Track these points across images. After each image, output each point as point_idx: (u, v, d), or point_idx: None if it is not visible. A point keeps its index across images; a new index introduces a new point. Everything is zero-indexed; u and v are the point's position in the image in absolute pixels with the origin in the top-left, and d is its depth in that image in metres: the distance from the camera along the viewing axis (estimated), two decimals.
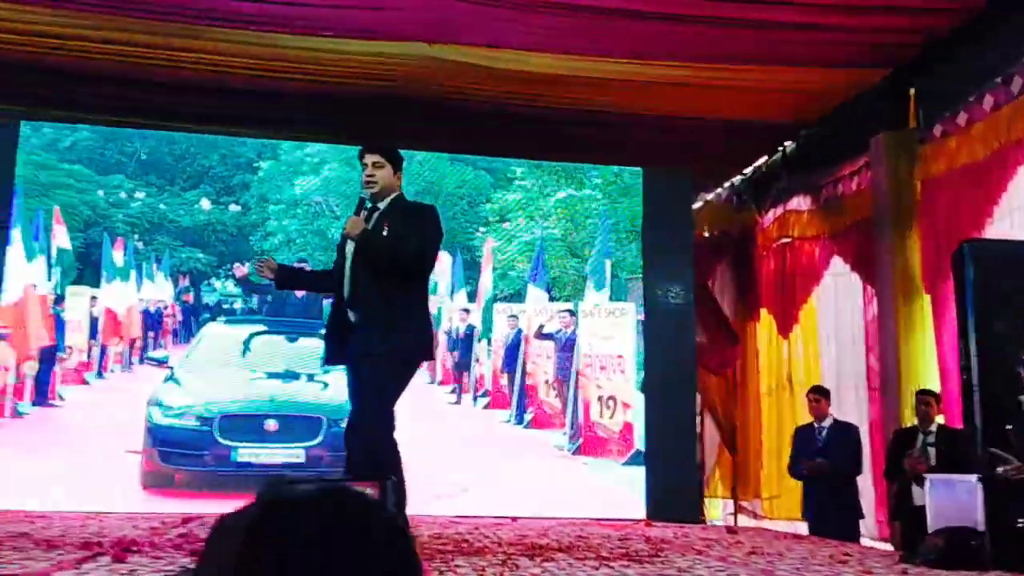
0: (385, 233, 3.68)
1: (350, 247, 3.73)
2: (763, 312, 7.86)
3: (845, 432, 5.47)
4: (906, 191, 5.74)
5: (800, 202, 7.42)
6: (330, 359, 3.83)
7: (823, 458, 5.36)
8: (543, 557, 3.77)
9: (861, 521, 5.45)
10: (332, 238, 3.89)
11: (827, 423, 5.54)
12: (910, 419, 5.11)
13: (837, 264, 7.03)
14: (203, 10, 5.44)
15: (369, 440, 3.63)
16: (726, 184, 8.20)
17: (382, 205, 3.76)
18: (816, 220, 7.25)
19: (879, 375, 5.95)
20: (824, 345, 7.17)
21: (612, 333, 6.93)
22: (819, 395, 5.65)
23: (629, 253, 7.07)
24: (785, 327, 7.50)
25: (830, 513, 5.29)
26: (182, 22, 5.58)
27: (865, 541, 5.44)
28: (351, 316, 3.69)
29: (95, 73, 6.10)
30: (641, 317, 6.92)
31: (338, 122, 6.38)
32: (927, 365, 5.41)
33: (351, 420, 3.70)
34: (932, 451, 4.79)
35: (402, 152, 7.16)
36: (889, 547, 5.10)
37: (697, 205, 7.70)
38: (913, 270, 5.67)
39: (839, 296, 7.03)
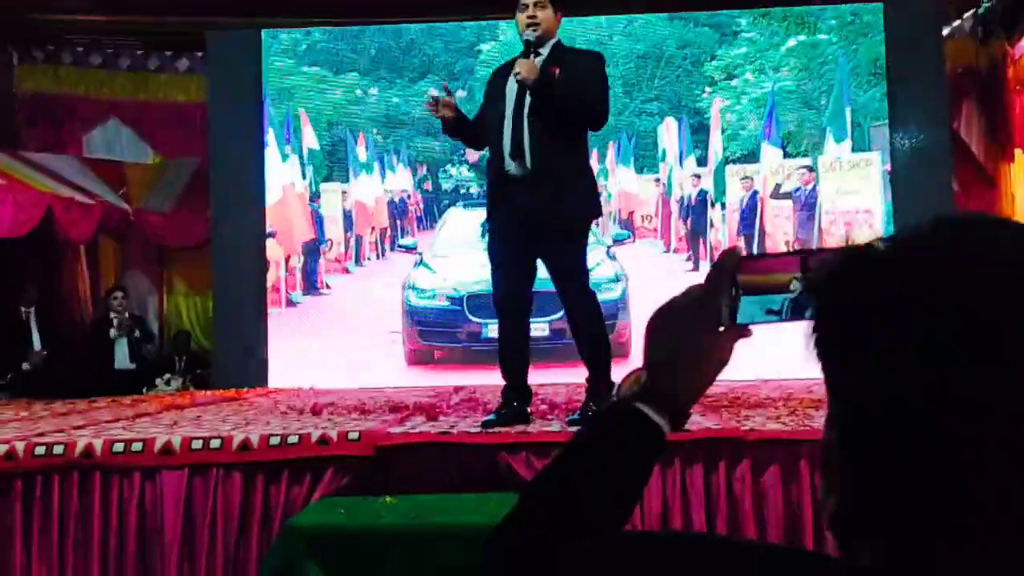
0: (557, 78, 3.40)
1: (511, 93, 3.49)
2: (1017, 153, 7.21)
3: None
4: None
5: None
6: (491, 218, 3.60)
7: None
8: None
9: None
10: None
11: None
12: None
13: None
14: None
15: (591, 310, 3.56)
16: (968, 14, 7.45)
17: (543, 51, 3.50)
18: None
19: None
20: None
21: (857, 187, 6.56)
22: None
23: (872, 99, 6.59)
24: None
25: None
26: None
27: None
28: (514, 169, 3.45)
29: None
30: (888, 167, 6.50)
31: None
32: None
33: (566, 295, 3.51)
34: None
35: (618, 17, 7.03)
36: None
37: None
38: None
39: None
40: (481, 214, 6.83)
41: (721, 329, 0.77)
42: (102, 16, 7.34)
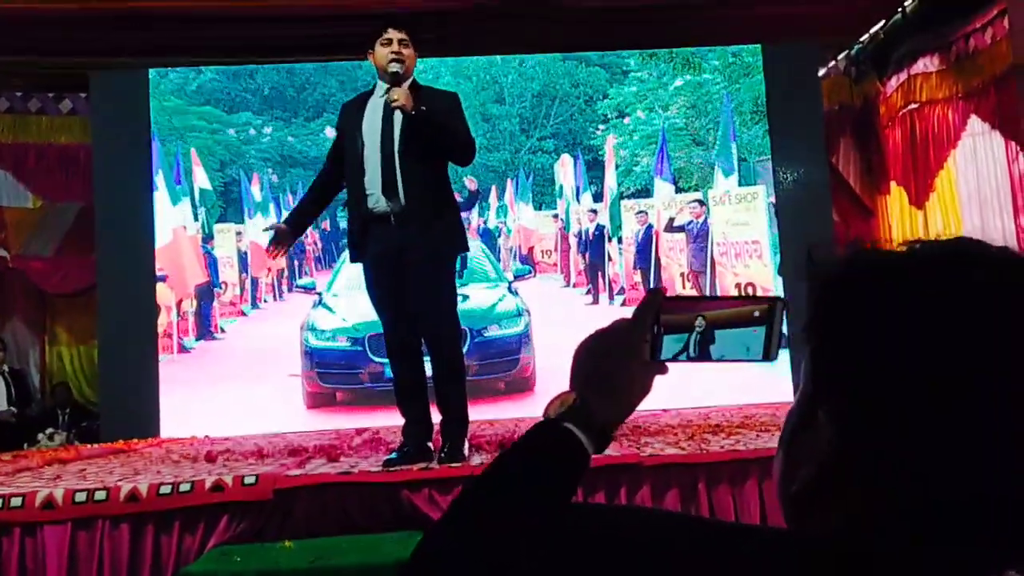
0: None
1: (373, 130, 3.42)
2: (892, 185, 7.63)
3: None
4: None
5: (927, 64, 7.07)
6: (358, 258, 3.55)
7: None
8: (726, 433, 3.82)
9: None
10: None
11: None
12: None
13: (974, 124, 6.72)
14: None
15: (454, 341, 3.58)
16: (842, 55, 7.88)
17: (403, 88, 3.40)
18: (947, 80, 6.91)
19: None
20: (965, 212, 6.92)
21: (745, 219, 6.82)
22: None
23: (756, 136, 6.89)
24: (919, 197, 7.26)
25: None
26: None
27: None
28: (386, 206, 3.37)
29: (210, 14, 6.24)
30: (773, 200, 6.78)
31: (447, 35, 6.36)
32: None
33: (432, 324, 3.44)
34: None
35: (512, 57, 7.17)
36: None
37: None
38: None
39: (979, 158, 6.74)
40: None
41: (644, 362, 0.81)
42: None
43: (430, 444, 3.49)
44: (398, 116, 3.38)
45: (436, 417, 3.57)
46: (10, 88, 7.63)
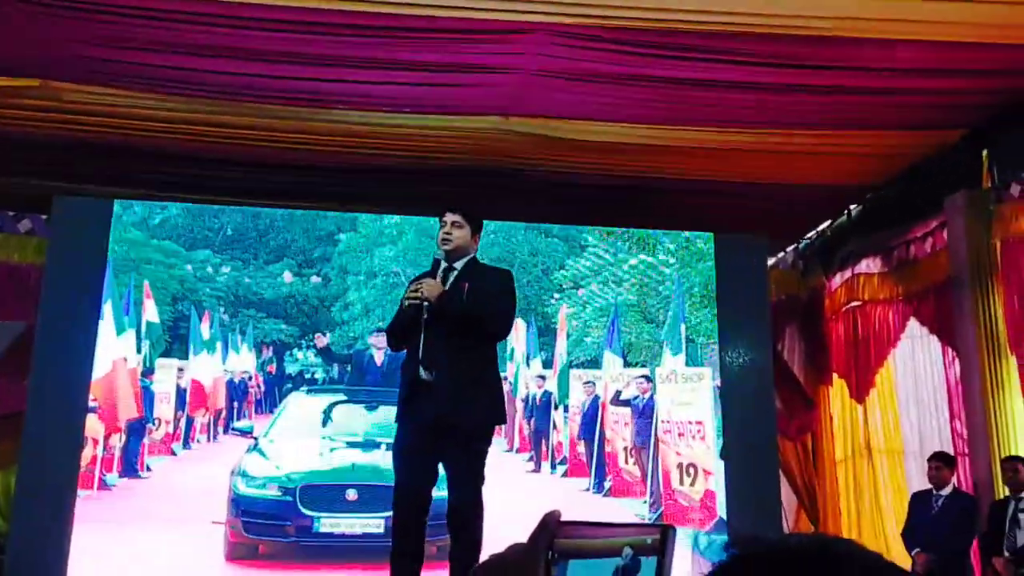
0: (465, 295, 3.76)
1: (423, 306, 3.75)
2: (834, 377, 7.76)
3: (961, 502, 5.32)
4: (985, 251, 5.66)
5: (870, 264, 7.35)
6: (400, 416, 3.83)
7: (935, 527, 5.23)
8: None
9: None
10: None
11: (946, 491, 5.39)
12: (1003, 487, 4.98)
13: (913, 327, 6.92)
14: (288, 91, 5.67)
15: (480, 511, 3.72)
16: (790, 248, 8.19)
17: (457, 266, 3.86)
18: (888, 283, 7.17)
19: (966, 441, 5.80)
20: (904, 410, 7.03)
21: (690, 399, 6.87)
22: (939, 462, 5.53)
23: (704, 318, 7.06)
24: (860, 392, 7.37)
25: None
26: (268, 103, 5.83)
27: None
28: (424, 376, 3.71)
29: (184, 153, 6.35)
30: (719, 383, 6.86)
31: (415, 195, 6.54)
32: (1018, 429, 5.29)
33: (458, 498, 3.66)
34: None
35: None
36: None
37: None
38: (998, 331, 5.57)
39: (918, 360, 6.90)
40: (325, 400, 6.72)
41: None
42: None
43: None
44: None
45: None
46: None
